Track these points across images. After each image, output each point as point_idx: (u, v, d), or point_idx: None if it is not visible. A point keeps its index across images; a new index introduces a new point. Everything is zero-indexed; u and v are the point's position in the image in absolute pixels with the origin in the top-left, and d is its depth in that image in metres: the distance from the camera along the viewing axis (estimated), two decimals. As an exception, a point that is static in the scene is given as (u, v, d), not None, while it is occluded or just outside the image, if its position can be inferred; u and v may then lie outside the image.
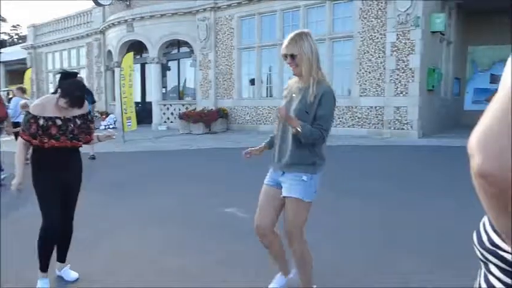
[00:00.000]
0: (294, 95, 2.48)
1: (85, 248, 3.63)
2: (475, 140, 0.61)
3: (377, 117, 11.81)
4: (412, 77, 11.12)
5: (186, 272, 3.18)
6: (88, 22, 20.97)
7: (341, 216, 4.55)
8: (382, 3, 11.52)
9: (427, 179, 6.49)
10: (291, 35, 2.45)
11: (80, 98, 2.86)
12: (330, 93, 2.40)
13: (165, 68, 17.75)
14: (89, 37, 20.77)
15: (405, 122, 11.24)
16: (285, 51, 2.43)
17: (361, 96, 12.05)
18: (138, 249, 3.70)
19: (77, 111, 2.92)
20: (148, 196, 5.68)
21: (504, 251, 0.77)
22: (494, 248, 0.79)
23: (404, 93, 11.25)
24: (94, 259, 3.47)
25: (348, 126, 12.28)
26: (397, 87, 11.36)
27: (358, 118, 12.15)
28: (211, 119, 14.46)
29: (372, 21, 11.74)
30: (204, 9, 15.37)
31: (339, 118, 12.44)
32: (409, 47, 11.10)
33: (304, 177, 2.44)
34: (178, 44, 17.26)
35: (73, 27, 21.99)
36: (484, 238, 0.83)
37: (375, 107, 11.80)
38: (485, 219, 0.83)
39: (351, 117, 12.27)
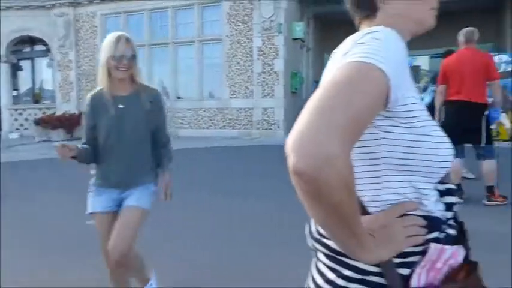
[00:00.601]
0: (120, 106, 2.16)
1: None
2: (291, 140, 0.64)
3: (246, 118, 12.22)
4: (277, 80, 11.79)
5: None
6: None
7: (216, 217, 4.52)
8: (248, 9, 11.97)
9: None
10: (118, 35, 2.14)
11: None
12: (161, 96, 2.33)
13: (15, 68, 15.71)
14: None
15: (272, 122, 11.86)
16: (125, 52, 2.10)
17: (231, 98, 12.34)
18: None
19: None
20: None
21: (328, 238, 0.84)
22: (319, 237, 0.87)
23: (271, 95, 11.85)
24: None
25: (220, 128, 12.46)
26: (264, 90, 11.92)
27: (229, 119, 12.41)
28: (74, 123, 13.26)
29: (239, 25, 12.12)
30: (61, 4, 14.04)
31: (210, 120, 12.55)
32: (273, 52, 11.75)
33: (153, 188, 2.27)
34: (31, 41, 15.44)
35: None
36: (313, 228, 0.90)
37: (245, 109, 12.20)
38: None
39: (222, 118, 12.47)
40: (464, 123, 4.59)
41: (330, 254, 0.84)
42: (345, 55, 0.75)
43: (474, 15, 12.07)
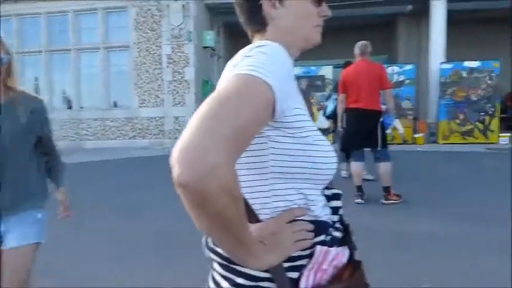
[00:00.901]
0: None
1: None
2: (176, 151, 0.65)
3: (157, 127, 11.90)
4: (188, 88, 11.67)
5: None
6: None
7: (125, 229, 4.29)
8: (156, 16, 11.70)
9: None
10: None
11: None
12: (45, 105, 2.02)
13: None
14: None
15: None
16: None
17: (140, 107, 11.92)
18: None
19: None
20: None
21: None
22: (213, 246, 0.88)
23: (182, 103, 11.69)
24: None
25: (129, 138, 11.96)
26: (175, 98, 11.72)
27: (139, 129, 11.97)
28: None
29: (147, 32, 11.79)
30: None
31: (118, 130, 12.00)
32: (183, 60, 11.62)
33: (40, 215, 1.95)
34: None
35: None
36: (209, 239, 0.91)
37: (155, 118, 11.87)
38: None
39: (131, 128, 11.98)
40: (362, 129, 4.94)
41: (224, 262, 0.85)
42: (234, 67, 0.78)
43: (371, 29, 13.18)
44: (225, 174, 0.64)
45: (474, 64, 10.25)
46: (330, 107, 6.51)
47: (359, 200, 4.95)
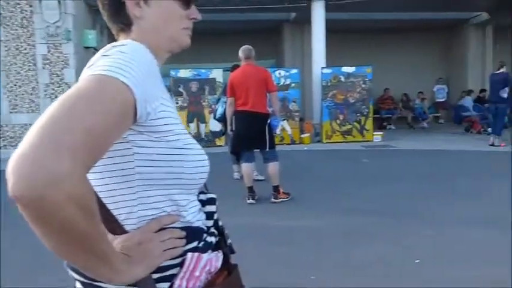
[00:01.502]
0: None
1: None
2: (12, 161, 0.59)
3: (34, 135, 10.74)
4: (69, 91, 10.75)
5: None
6: None
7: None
8: (26, 11, 10.56)
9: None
10: None
11: None
12: None
13: None
14: None
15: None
16: None
17: (11, 113, 10.64)
18: None
19: None
20: None
21: None
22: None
23: (62, 108, 10.74)
24: None
25: (-1, 148, 10.59)
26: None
27: (11, 138, 10.67)
28: None
29: (16, 29, 10.57)
30: None
31: (-15, 139, 10.56)
32: (62, 61, 10.68)
33: None
34: None
35: None
36: None
37: (30, 125, 10.54)
38: None
39: (1, 137, 10.63)
40: (251, 131, 5.05)
41: (86, 281, 0.79)
42: (90, 68, 0.74)
43: (260, 34, 13.59)
44: (72, 184, 0.59)
45: (350, 69, 11.21)
46: (219, 110, 6.53)
47: (251, 200, 5.04)
